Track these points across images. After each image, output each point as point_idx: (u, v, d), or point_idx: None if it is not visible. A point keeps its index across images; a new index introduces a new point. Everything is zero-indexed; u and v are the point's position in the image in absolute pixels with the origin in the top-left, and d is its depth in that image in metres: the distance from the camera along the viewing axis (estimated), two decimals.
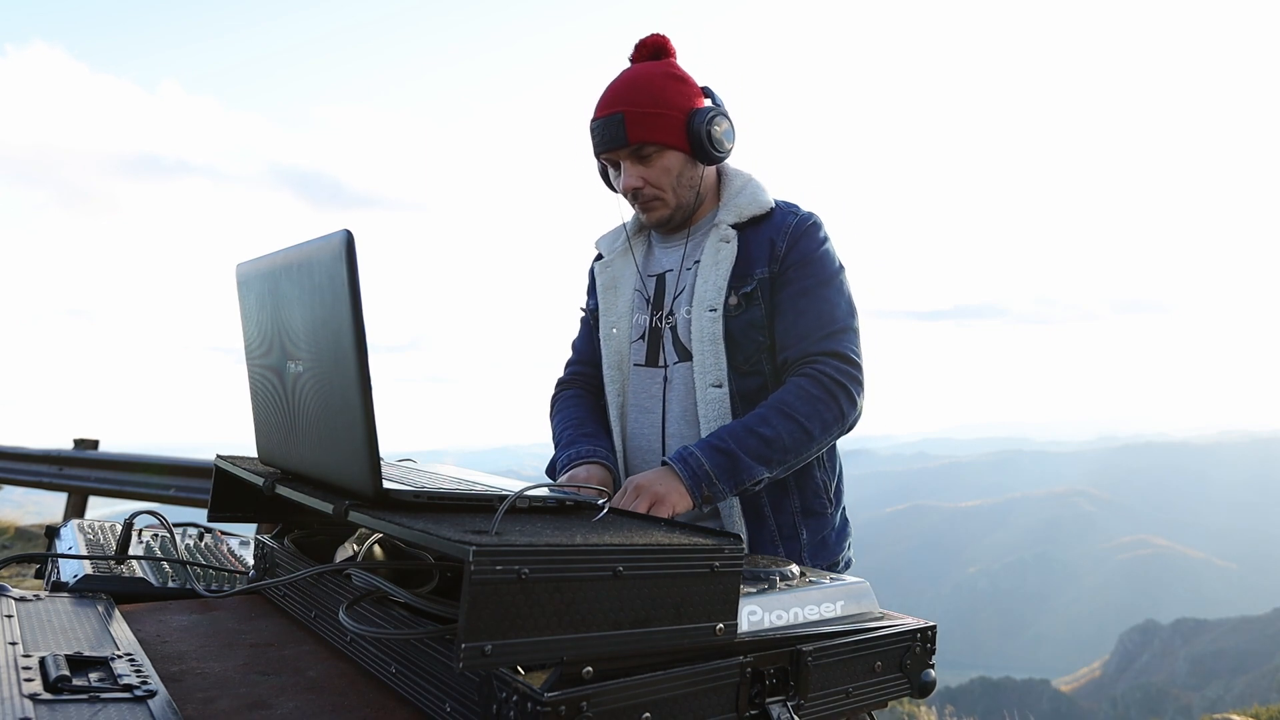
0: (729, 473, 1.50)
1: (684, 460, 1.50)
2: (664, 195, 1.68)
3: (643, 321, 1.78)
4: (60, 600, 1.13)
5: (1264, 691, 33.65)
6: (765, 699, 0.88)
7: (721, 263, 1.66)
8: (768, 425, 1.53)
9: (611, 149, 1.64)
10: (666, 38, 1.70)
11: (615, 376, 1.79)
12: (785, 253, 1.66)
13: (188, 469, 6.07)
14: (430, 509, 0.93)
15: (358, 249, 0.90)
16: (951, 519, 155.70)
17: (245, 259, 1.20)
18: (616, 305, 1.81)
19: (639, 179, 1.65)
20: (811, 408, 1.55)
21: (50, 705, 0.75)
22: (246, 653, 1.03)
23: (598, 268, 1.88)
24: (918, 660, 1.03)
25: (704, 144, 1.62)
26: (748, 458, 1.51)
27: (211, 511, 1.33)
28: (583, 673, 0.75)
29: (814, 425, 1.55)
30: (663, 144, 1.63)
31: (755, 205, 1.70)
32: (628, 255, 1.84)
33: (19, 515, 9.11)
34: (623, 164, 1.66)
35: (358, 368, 0.89)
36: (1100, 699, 56.05)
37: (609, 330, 1.81)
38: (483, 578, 0.69)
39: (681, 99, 1.63)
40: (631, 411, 1.78)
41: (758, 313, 1.65)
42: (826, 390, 1.57)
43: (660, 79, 1.63)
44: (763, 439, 1.52)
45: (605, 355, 1.80)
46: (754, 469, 1.52)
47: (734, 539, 0.87)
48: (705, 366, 1.64)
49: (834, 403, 1.57)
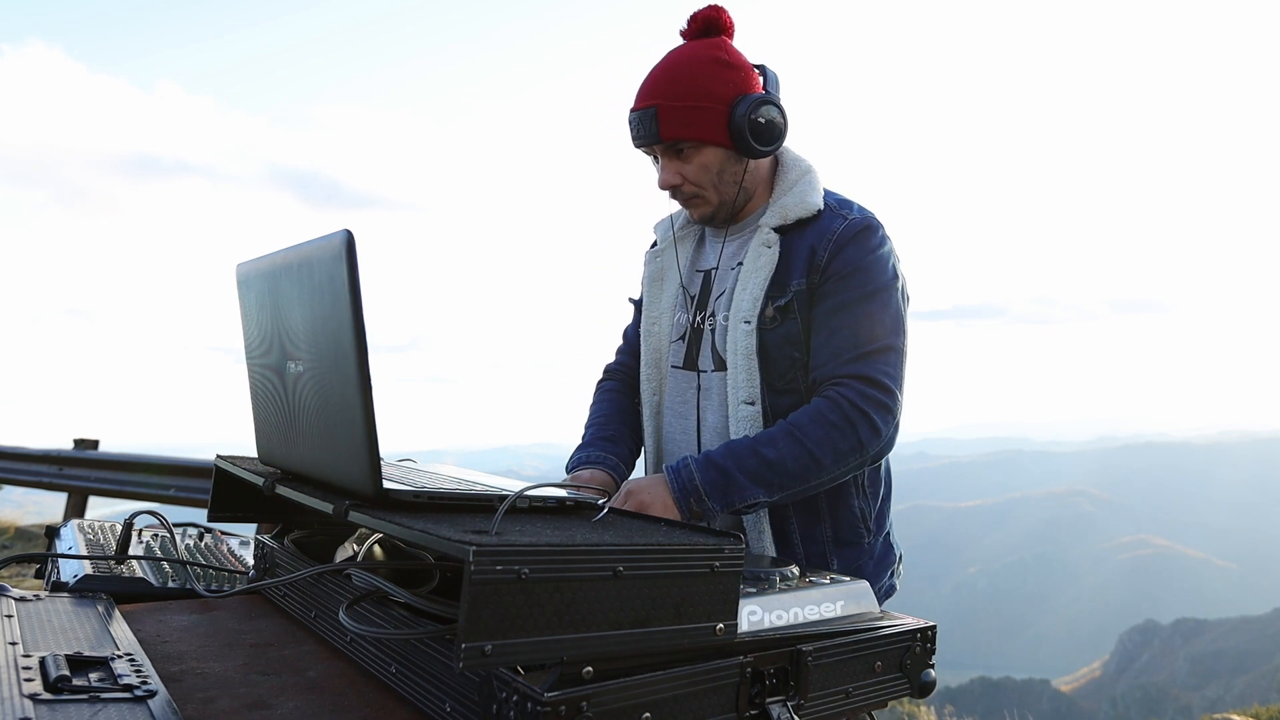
0: (720, 490, 1.42)
1: (677, 472, 1.44)
2: (704, 193, 1.56)
3: (684, 321, 1.68)
4: (60, 600, 1.13)
5: (1264, 691, 33.64)
6: (765, 699, 0.88)
7: (760, 270, 1.54)
8: (772, 447, 1.43)
9: (645, 144, 1.54)
10: (722, 10, 1.54)
11: (652, 375, 1.71)
12: (826, 262, 1.51)
13: (188, 469, 6.08)
14: (430, 509, 0.93)
15: (358, 249, 0.90)
16: (951, 519, 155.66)
17: (245, 259, 1.20)
18: (660, 300, 1.72)
19: (676, 175, 1.55)
20: (824, 434, 1.44)
21: (50, 705, 0.75)
22: (246, 653, 1.03)
23: (648, 255, 1.78)
24: (918, 660, 1.03)
25: (746, 137, 1.49)
26: (744, 478, 1.42)
27: (211, 511, 1.33)
28: (583, 673, 0.75)
29: (824, 453, 1.43)
30: (699, 140, 1.50)
31: (802, 207, 1.55)
32: (675, 247, 1.74)
33: (19, 515, 9.11)
34: (660, 159, 1.56)
35: (358, 368, 0.89)
36: (1100, 699, 56.03)
37: (649, 326, 1.72)
38: (483, 578, 0.69)
39: (725, 87, 1.49)
40: (667, 414, 1.70)
41: (794, 327, 1.52)
42: (845, 417, 1.44)
43: (703, 65, 1.49)
44: (764, 460, 1.42)
45: (644, 351, 1.72)
46: (748, 490, 1.42)
47: (734, 539, 0.87)
48: (739, 382, 1.53)
49: (851, 431, 1.44)
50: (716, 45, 1.53)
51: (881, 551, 1.66)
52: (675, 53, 1.54)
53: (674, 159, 1.55)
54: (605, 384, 1.87)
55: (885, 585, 1.66)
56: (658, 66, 1.53)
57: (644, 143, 1.54)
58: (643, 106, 1.51)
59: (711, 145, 1.52)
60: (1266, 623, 58.89)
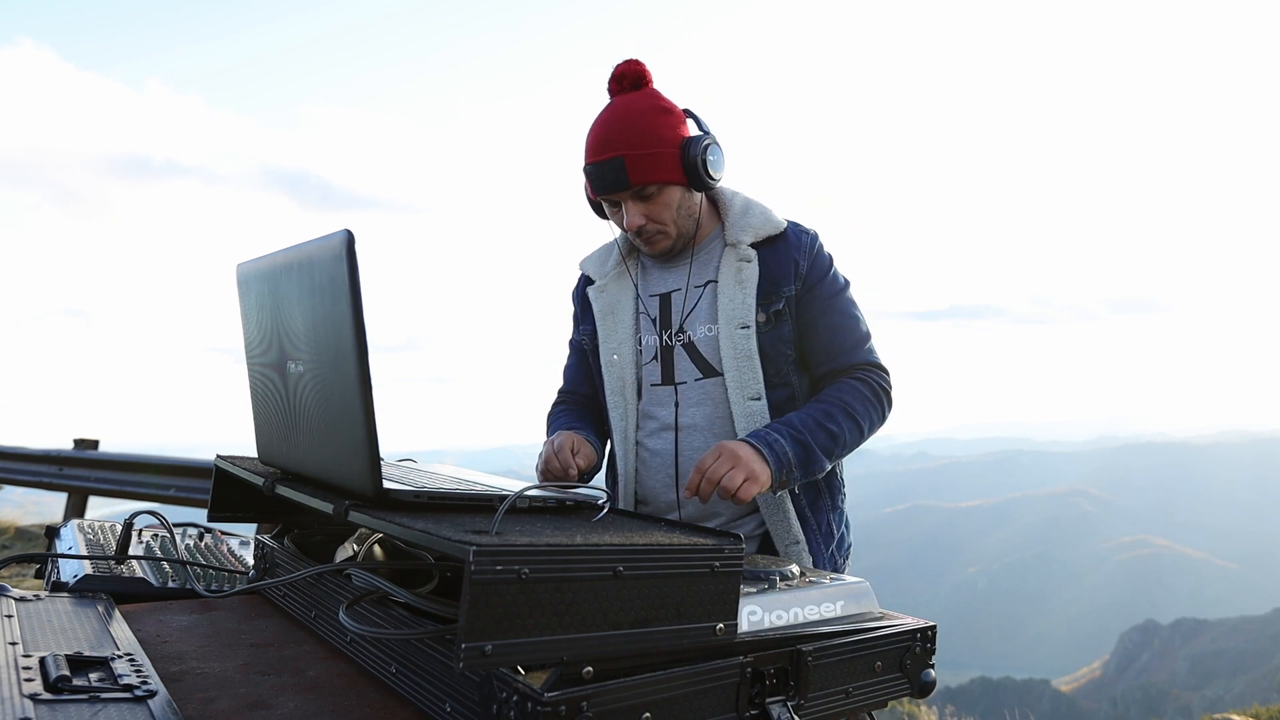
0: (804, 464, 1.57)
1: (770, 446, 1.53)
2: (666, 229, 1.70)
3: (653, 342, 1.79)
4: (60, 600, 1.13)
5: (1264, 691, 33.66)
6: (765, 699, 0.88)
7: (746, 281, 1.69)
8: (834, 422, 1.61)
9: (613, 191, 1.65)
10: (643, 65, 1.69)
11: (618, 401, 1.80)
12: (808, 270, 1.72)
13: (188, 469, 6.07)
14: (430, 509, 0.93)
15: (357, 249, 0.90)
16: (951, 519, 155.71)
17: (245, 259, 1.20)
18: (617, 330, 1.82)
19: (642, 217, 1.67)
20: (865, 409, 1.66)
21: (50, 705, 0.75)
22: (246, 653, 1.03)
23: (593, 293, 1.87)
24: (918, 660, 1.03)
25: (699, 173, 1.64)
26: (820, 452, 1.59)
27: (211, 511, 1.33)
28: (583, 673, 0.75)
29: (866, 425, 1.67)
30: (663, 182, 1.64)
31: (769, 225, 1.73)
32: (625, 278, 1.84)
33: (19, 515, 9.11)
34: (625, 204, 1.67)
35: (358, 368, 0.89)
36: (1100, 699, 56.06)
37: (609, 356, 1.81)
38: (483, 578, 0.69)
39: (672, 132, 1.64)
40: (645, 427, 1.79)
41: (786, 329, 1.70)
42: (876, 395, 1.69)
43: (651, 114, 1.64)
44: (831, 435, 1.60)
45: (607, 381, 1.81)
46: (823, 463, 1.60)
47: (734, 539, 0.87)
48: (742, 381, 1.68)
49: (881, 407, 1.69)
50: (652, 95, 1.68)
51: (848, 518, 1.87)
52: (619, 106, 1.66)
53: (639, 202, 1.67)
54: (560, 404, 1.97)
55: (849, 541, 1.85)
56: (609, 119, 1.65)
57: (612, 190, 1.65)
58: (608, 157, 1.62)
59: (672, 185, 1.66)
60: (1266, 623, 58.92)
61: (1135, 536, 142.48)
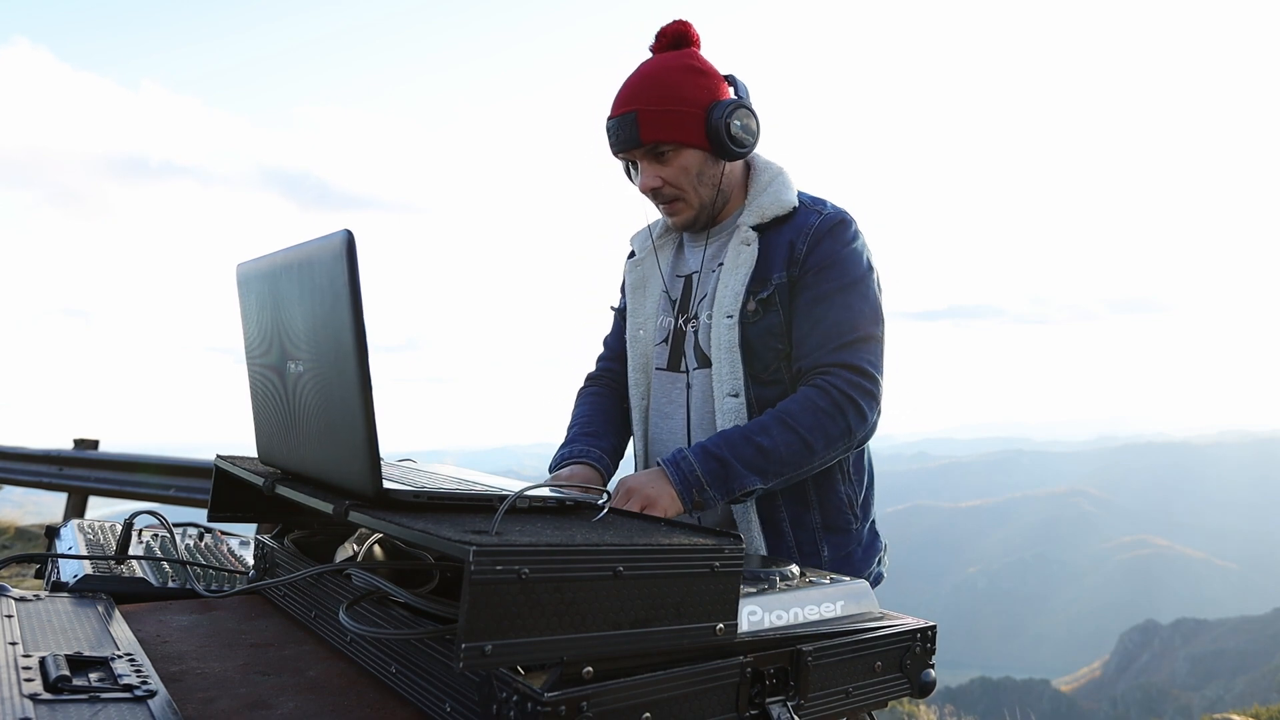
0: (720, 480, 1.46)
1: (676, 464, 1.47)
2: (685, 195, 1.61)
3: (667, 324, 1.73)
4: (60, 600, 1.13)
5: (1264, 691, 33.64)
6: (765, 699, 0.88)
7: (741, 267, 1.60)
8: (766, 435, 1.48)
9: (626, 149, 1.58)
10: (689, 25, 1.61)
11: (639, 380, 1.76)
12: (805, 255, 1.58)
13: (188, 469, 6.08)
14: (430, 509, 0.93)
15: (357, 249, 0.90)
16: (951, 519, 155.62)
17: (245, 259, 1.20)
18: (644, 306, 1.78)
19: (656, 178, 1.59)
20: (815, 420, 1.50)
21: (50, 705, 0.75)
22: (246, 653, 1.03)
23: (628, 265, 1.84)
24: (918, 660, 1.03)
25: (723, 140, 1.55)
26: (741, 466, 1.46)
27: (211, 511, 1.33)
28: (583, 673, 0.75)
29: (816, 439, 1.50)
30: (679, 142, 1.56)
31: (778, 205, 1.62)
32: (655, 255, 1.80)
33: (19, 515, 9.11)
34: (640, 163, 1.61)
35: (358, 368, 0.89)
36: (1100, 699, 56.04)
37: (635, 332, 1.78)
38: (483, 578, 0.69)
39: (700, 93, 1.55)
40: (654, 416, 1.75)
41: (776, 319, 1.58)
42: (834, 403, 1.51)
43: (678, 73, 1.56)
44: (759, 449, 1.47)
45: (631, 357, 1.78)
46: (746, 478, 1.47)
47: (734, 539, 0.87)
48: (722, 375, 1.59)
49: (840, 416, 1.51)
50: (688, 55, 1.60)
51: (869, 539, 1.71)
52: (649, 63, 1.60)
53: (654, 162, 1.60)
54: (587, 389, 1.91)
55: (874, 573, 1.70)
56: (633, 75, 1.59)
57: (625, 147, 1.59)
58: (622, 112, 1.56)
59: (690, 148, 1.57)
60: (1266, 623, 58.90)
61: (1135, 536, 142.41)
